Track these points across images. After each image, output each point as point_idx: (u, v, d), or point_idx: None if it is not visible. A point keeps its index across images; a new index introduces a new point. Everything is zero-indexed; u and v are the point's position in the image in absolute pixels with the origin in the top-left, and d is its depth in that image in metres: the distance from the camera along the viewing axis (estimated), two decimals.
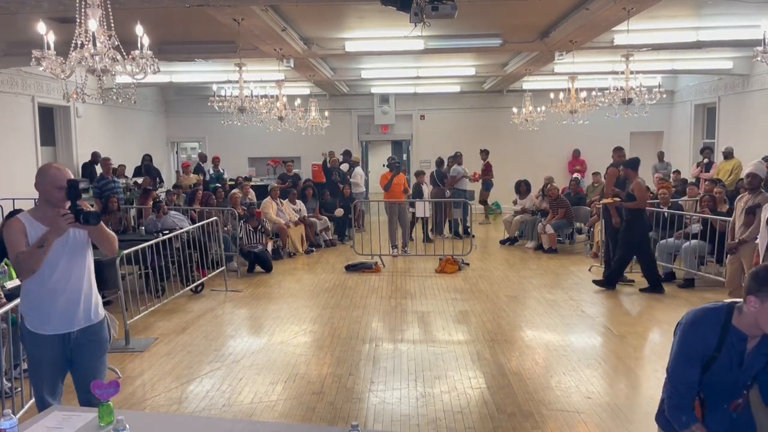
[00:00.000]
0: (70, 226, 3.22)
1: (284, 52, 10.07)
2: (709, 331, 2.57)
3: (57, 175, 3.32)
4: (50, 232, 3.21)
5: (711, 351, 2.57)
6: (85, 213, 3.23)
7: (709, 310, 2.62)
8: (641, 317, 7.22)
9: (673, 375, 2.63)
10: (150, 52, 4.91)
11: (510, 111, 14.69)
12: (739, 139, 13.10)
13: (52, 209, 3.29)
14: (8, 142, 10.83)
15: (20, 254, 3.24)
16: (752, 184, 6.60)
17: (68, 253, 3.37)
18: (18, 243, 3.26)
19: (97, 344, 3.54)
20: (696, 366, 2.59)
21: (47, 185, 3.32)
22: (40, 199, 3.43)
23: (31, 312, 3.40)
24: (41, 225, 3.30)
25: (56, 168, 3.38)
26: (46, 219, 3.30)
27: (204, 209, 10.33)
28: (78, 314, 3.44)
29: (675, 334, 2.71)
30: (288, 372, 5.52)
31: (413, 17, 5.90)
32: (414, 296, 8.26)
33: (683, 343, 2.62)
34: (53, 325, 3.38)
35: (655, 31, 9.76)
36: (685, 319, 2.67)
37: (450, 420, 4.53)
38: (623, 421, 4.46)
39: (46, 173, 3.35)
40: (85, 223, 3.25)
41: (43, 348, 3.38)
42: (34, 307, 3.38)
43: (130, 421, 2.45)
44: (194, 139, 18.60)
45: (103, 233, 3.45)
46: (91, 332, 3.50)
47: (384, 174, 11.56)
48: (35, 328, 3.38)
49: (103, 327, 3.60)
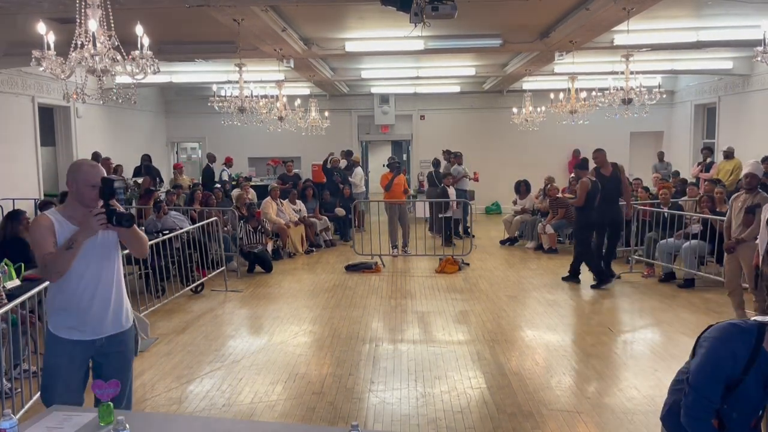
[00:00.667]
0: (101, 227, 3.06)
1: (284, 53, 10.07)
2: (740, 352, 2.52)
3: (90, 172, 3.14)
4: (80, 233, 3.05)
5: (738, 373, 2.53)
6: (118, 214, 3.08)
7: (742, 329, 2.56)
8: (641, 317, 7.22)
9: (696, 387, 2.57)
10: (150, 52, 4.91)
11: (510, 111, 14.71)
12: (739, 139, 13.10)
13: (83, 208, 3.14)
14: (8, 142, 10.83)
15: (47, 255, 3.05)
16: (751, 184, 6.60)
17: (97, 255, 3.20)
18: (46, 242, 3.06)
19: (123, 355, 3.34)
20: (721, 382, 2.55)
21: (79, 183, 3.14)
22: (70, 197, 3.25)
23: (56, 315, 3.20)
24: (71, 224, 3.13)
25: (90, 165, 3.21)
26: (76, 218, 3.14)
27: (204, 209, 10.33)
28: (107, 320, 3.25)
29: (698, 345, 2.66)
30: (288, 372, 5.52)
31: (413, 17, 5.90)
32: (414, 296, 8.26)
33: (711, 359, 2.57)
34: (81, 330, 3.19)
35: (655, 31, 9.76)
36: (715, 334, 2.61)
37: (450, 420, 4.53)
38: (623, 421, 4.46)
39: (79, 170, 3.17)
40: (118, 225, 3.10)
41: (66, 354, 3.18)
42: (60, 310, 3.19)
43: (130, 421, 2.45)
44: (194, 139, 18.61)
45: (135, 235, 3.30)
46: (119, 341, 3.31)
47: (384, 174, 11.56)
48: (60, 333, 3.18)
49: (131, 335, 3.41)
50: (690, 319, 6.96)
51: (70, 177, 3.18)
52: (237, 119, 9.90)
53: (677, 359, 5.66)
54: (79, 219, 3.12)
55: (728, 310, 7.09)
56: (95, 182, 3.12)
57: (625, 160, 17.06)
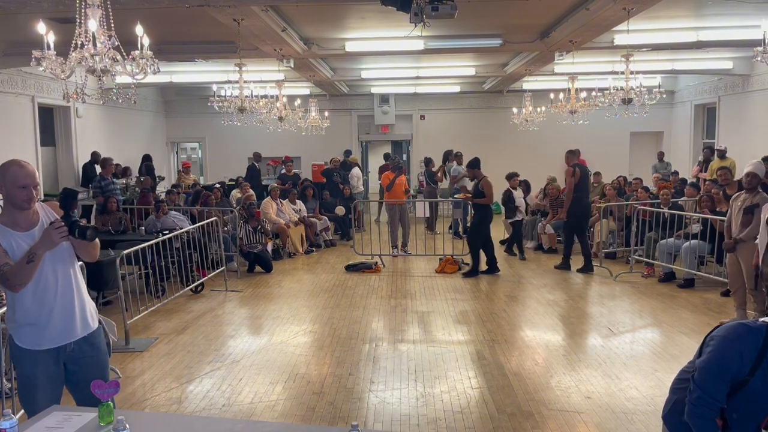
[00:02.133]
0: (62, 239, 2.98)
1: (284, 52, 10.07)
2: (747, 353, 2.52)
3: (18, 173, 2.99)
4: (40, 246, 2.96)
5: (744, 374, 2.52)
6: (81, 227, 2.99)
7: (750, 330, 2.57)
8: (641, 317, 7.22)
9: (702, 385, 2.57)
10: (150, 52, 4.91)
11: (510, 111, 14.71)
12: (739, 139, 13.10)
13: (19, 212, 3.05)
14: (8, 142, 10.83)
15: (5, 267, 2.94)
16: (751, 183, 6.59)
17: (52, 263, 3.09)
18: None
19: (96, 359, 3.27)
20: (727, 382, 2.55)
21: (8, 185, 3.00)
22: (4, 202, 3.09)
23: (21, 328, 3.10)
24: (11, 230, 3.03)
25: (18, 166, 3.03)
26: (15, 224, 3.05)
27: (204, 209, 10.33)
28: (75, 324, 3.18)
29: (706, 344, 2.66)
30: (288, 372, 5.52)
31: (413, 17, 5.90)
32: (414, 296, 8.26)
33: (719, 358, 2.57)
34: (48, 338, 3.10)
35: (655, 31, 9.76)
36: (723, 333, 2.61)
37: (450, 420, 4.53)
38: (623, 421, 4.46)
39: (6, 172, 3.01)
40: (81, 238, 3.01)
41: (39, 365, 3.09)
42: (24, 323, 3.09)
43: (130, 421, 2.45)
44: (194, 139, 18.61)
45: (92, 245, 3.20)
46: (89, 344, 3.24)
47: (386, 174, 11.51)
48: (27, 345, 3.09)
49: (101, 335, 3.34)
50: (690, 319, 6.96)
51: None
52: (237, 119, 9.90)
53: (677, 359, 5.66)
54: (21, 225, 3.05)
55: (728, 309, 7.09)
56: (23, 183, 3.00)
57: (625, 160, 17.11)
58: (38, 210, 3.17)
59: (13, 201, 3.05)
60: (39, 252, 2.97)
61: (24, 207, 3.06)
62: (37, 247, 2.97)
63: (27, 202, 3.05)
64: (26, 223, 3.10)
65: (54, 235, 2.95)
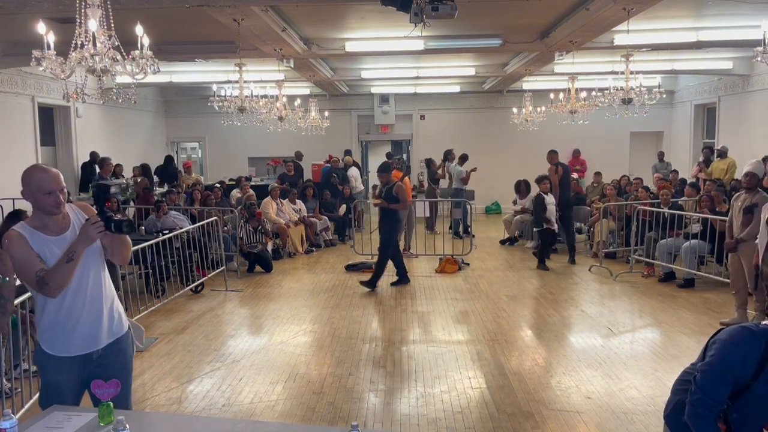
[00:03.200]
0: (100, 235, 2.93)
1: (284, 53, 10.07)
2: (750, 356, 2.52)
3: (42, 179, 2.93)
4: (78, 243, 2.90)
5: (747, 377, 2.52)
6: (116, 221, 2.94)
7: (753, 333, 2.56)
8: (641, 317, 7.22)
9: (704, 387, 2.57)
10: (150, 52, 4.91)
11: (510, 111, 14.71)
12: (739, 139, 13.10)
13: (48, 216, 2.99)
14: (8, 142, 10.84)
15: (41, 272, 2.86)
16: (750, 183, 6.60)
17: (82, 267, 2.99)
18: (31, 260, 2.88)
19: (121, 364, 3.16)
20: (728, 385, 2.55)
21: (34, 192, 2.94)
22: (33, 208, 3.04)
23: (49, 334, 3.01)
24: (42, 234, 2.96)
25: (41, 170, 2.98)
26: (46, 228, 2.99)
27: (204, 209, 10.33)
28: (103, 329, 3.09)
29: (708, 347, 2.66)
30: (288, 372, 5.52)
31: (413, 17, 5.90)
32: (414, 296, 8.26)
33: (722, 360, 2.57)
34: (77, 344, 3.02)
35: (655, 31, 9.76)
36: (726, 336, 2.61)
37: (450, 420, 4.53)
38: (623, 421, 4.46)
39: (30, 179, 2.95)
40: (117, 232, 2.96)
41: (66, 372, 3.00)
42: (52, 328, 3.00)
43: (130, 421, 2.45)
44: (194, 139, 18.61)
45: (125, 241, 3.15)
46: (116, 350, 3.14)
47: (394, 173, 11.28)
48: (56, 351, 3.00)
49: (128, 341, 3.25)
50: (690, 319, 6.96)
51: (24, 187, 2.98)
52: (237, 119, 9.90)
53: (677, 359, 5.66)
54: (51, 229, 2.99)
55: (728, 309, 7.09)
56: (49, 189, 2.93)
57: (625, 160, 17.12)
58: (68, 212, 3.09)
59: (42, 208, 2.98)
60: (79, 249, 2.90)
61: (53, 213, 2.99)
62: (76, 244, 2.91)
63: (56, 208, 2.98)
64: (57, 228, 3.02)
65: (91, 231, 2.90)
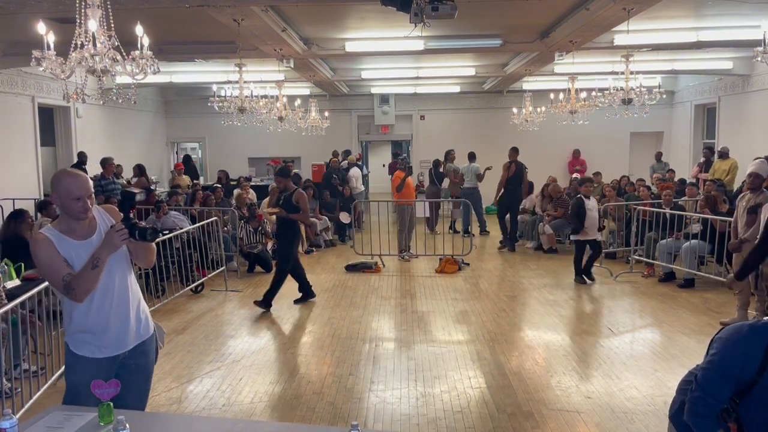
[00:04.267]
0: (124, 242, 2.97)
1: (284, 53, 10.07)
2: (753, 353, 2.51)
3: (71, 185, 2.96)
4: (103, 250, 2.93)
5: (752, 374, 2.51)
6: (141, 229, 2.99)
7: (756, 329, 2.55)
8: (641, 317, 7.22)
9: (704, 386, 2.58)
10: (150, 53, 4.91)
11: (510, 111, 14.70)
12: (739, 139, 13.10)
13: (75, 221, 3.03)
14: (8, 142, 10.84)
15: (68, 276, 2.91)
16: (754, 183, 6.60)
17: (110, 271, 3.05)
18: (57, 263, 2.92)
19: (144, 367, 3.23)
20: (730, 383, 2.55)
21: (63, 197, 2.97)
22: (61, 212, 3.10)
23: (76, 335, 3.06)
24: (69, 239, 3.00)
25: (70, 176, 3.02)
26: (73, 232, 3.02)
27: (204, 209, 10.33)
28: (130, 332, 3.14)
29: (710, 347, 2.66)
30: (288, 372, 5.52)
31: (413, 18, 5.91)
32: (414, 296, 8.26)
33: (722, 359, 2.56)
34: (105, 347, 3.07)
35: (655, 31, 9.76)
36: (726, 334, 2.61)
37: (450, 420, 4.53)
38: (623, 421, 4.46)
39: (59, 183, 2.98)
40: (142, 239, 3.00)
41: (94, 373, 2.98)
42: (79, 331, 3.05)
43: (130, 421, 2.45)
44: (194, 139, 18.61)
45: (150, 247, 3.19)
46: (140, 352, 3.19)
47: (397, 173, 11.28)
48: (82, 351, 3.06)
49: (153, 344, 3.30)
50: (690, 319, 6.96)
51: (53, 192, 3.03)
52: (237, 119, 9.90)
53: (677, 359, 5.66)
54: (77, 233, 3.03)
55: (728, 309, 7.09)
56: (78, 195, 2.96)
57: (624, 160, 17.12)
58: (95, 216, 3.12)
59: (70, 213, 3.01)
60: (103, 256, 2.93)
61: (81, 218, 3.02)
62: (101, 251, 2.94)
63: (83, 213, 3.01)
64: (83, 232, 3.05)
65: (116, 238, 2.93)
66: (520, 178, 11.82)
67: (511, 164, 11.70)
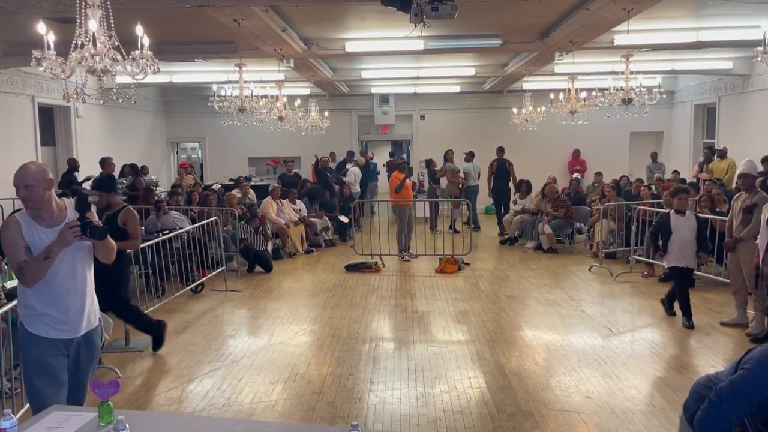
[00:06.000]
0: (76, 239, 3.18)
1: (284, 53, 10.07)
2: None
3: (15, 176, 3.26)
4: (56, 244, 3.16)
5: None
6: (91, 228, 3.21)
7: None
8: (641, 317, 7.22)
9: (726, 398, 2.58)
10: (150, 52, 4.91)
11: (510, 111, 14.70)
12: (739, 139, 13.10)
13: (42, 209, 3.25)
14: (8, 142, 10.83)
15: (22, 263, 3.16)
16: (746, 184, 6.64)
17: (74, 255, 3.31)
18: (17, 246, 3.17)
19: (91, 355, 3.45)
20: (753, 403, 2.56)
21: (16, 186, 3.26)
22: None
23: (36, 315, 3.26)
24: (37, 224, 3.23)
25: (19, 168, 3.29)
26: (40, 218, 3.24)
27: (204, 209, 10.33)
28: (84, 318, 3.36)
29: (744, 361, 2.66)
30: (288, 372, 5.52)
31: (413, 17, 5.90)
32: (414, 296, 8.26)
33: (753, 379, 2.57)
34: (62, 330, 3.28)
35: (655, 31, 9.76)
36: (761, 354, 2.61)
37: (450, 420, 4.53)
38: (623, 421, 4.46)
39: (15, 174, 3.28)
40: (92, 237, 3.23)
41: (47, 349, 3.24)
42: (40, 311, 3.25)
43: (130, 421, 2.45)
44: (194, 139, 18.62)
45: (106, 245, 3.40)
46: (89, 340, 3.41)
47: (395, 174, 11.24)
48: (41, 332, 3.25)
49: (99, 333, 3.52)
50: None
51: None
52: (237, 119, 9.90)
53: (677, 359, 5.67)
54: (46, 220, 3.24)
55: (728, 309, 7.08)
56: (15, 184, 3.25)
57: (624, 160, 17.11)
58: (67, 208, 3.35)
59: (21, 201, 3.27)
60: (56, 249, 3.16)
61: (27, 206, 3.25)
62: (54, 244, 3.17)
63: (26, 202, 3.25)
64: (51, 220, 3.27)
65: (68, 235, 3.15)
66: (503, 174, 13.55)
67: (495, 162, 13.55)
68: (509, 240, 12.24)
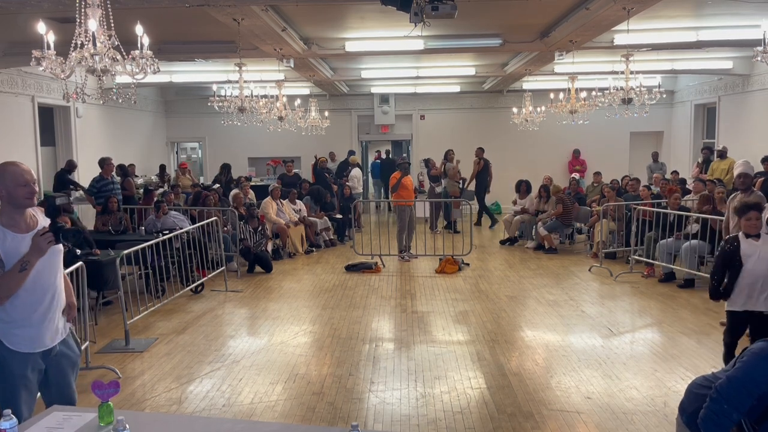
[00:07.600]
0: (50, 245, 3.04)
1: (284, 52, 10.07)
2: None
3: (17, 171, 3.07)
4: (32, 254, 3.00)
5: None
6: (63, 232, 3.08)
7: None
8: (641, 317, 7.22)
9: (725, 394, 2.59)
10: (150, 52, 4.91)
11: (510, 111, 14.72)
12: (739, 139, 13.10)
13: (20, 212, 3.11)
14: (8, 142, 10.82)
15: None
16: (745, 183, 6.66)
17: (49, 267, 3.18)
18: None
19: (73, 359, 3.36)
20: (753, 398, 2.56)
21: (9, 185, 3.05)
22: (3, 204, 3.12)
23: (13, 330, 3.09)
24: (11, 232, 3.07)
25: (14, 164, 3.12)
26: (16, 225, 3.09)
27: (204, 209, 10.33)
28: (60, 326, 3.27)
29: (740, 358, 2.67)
30: (288, 372, 5.52)
31: (413, 17, 5.90)
32: (414, 296, 8.26)
33: (749, 374, 2.58)
34: (41, 341, 3.16)
35: (655, 31, 9.76)
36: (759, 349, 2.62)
37: (450, 420, 4.53)
38: (623, 421, 4.46)
39: (4, 173, 3.07)
40: (65, 241, 3.12)
41: (29, 366, 3.11)
42: (16, 324, 3.09)
43: (130, 421, 2.45)
44: (194, 139, 18.61)
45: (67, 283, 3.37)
46: (67, 345, 3.32)
47: (393, 174, 11.23)
48: (19, 347, 3.09)
49: (72, 338, 3.41)
50: (690, 319, 6.96)
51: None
52: (237, 119, 9.90)
53: (677, 359, 5.66)
54: (21, 226, 3.10)
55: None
56: (24, 180, 3.07)
57: (624, 160, 17.12)
58: (35, 214, 3.23)
59: (16, 200, 3.09)
60: (32, 260, 3.01)
61: (27, 204, 3.12)
62: (29, 255, 3.01)
63: (30, 199, 3.11)
64: (26, 226, 3.13)
65: (41, 243, 3.00)
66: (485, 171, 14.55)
67: (480, 160, 14.41)
68: (509, 240, 12.24)
